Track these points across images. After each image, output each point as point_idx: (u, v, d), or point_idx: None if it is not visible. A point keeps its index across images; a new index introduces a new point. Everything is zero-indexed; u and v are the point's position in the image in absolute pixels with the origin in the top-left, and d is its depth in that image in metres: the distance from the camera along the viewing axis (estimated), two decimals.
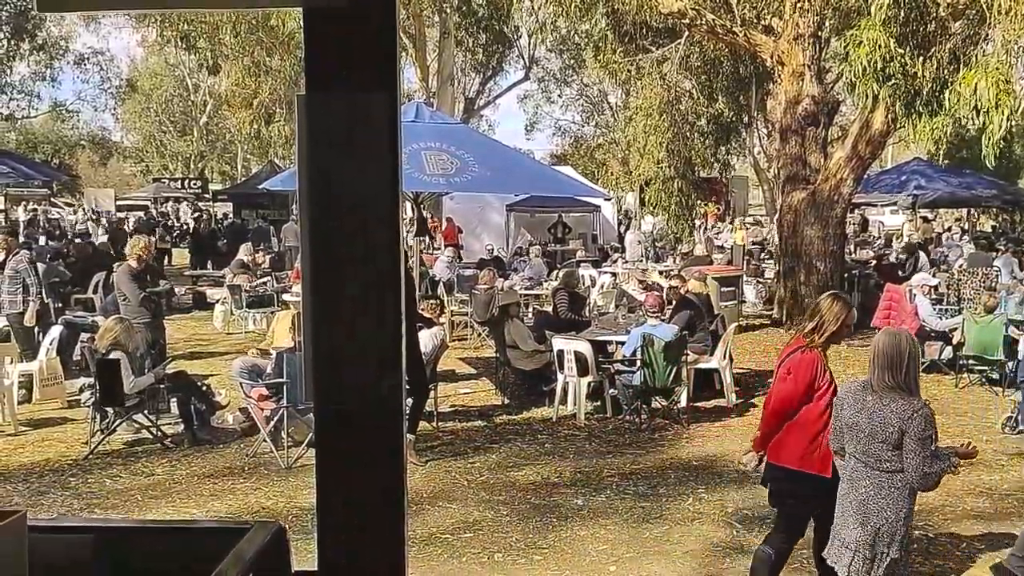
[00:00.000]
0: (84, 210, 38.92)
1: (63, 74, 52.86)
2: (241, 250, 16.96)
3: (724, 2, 14.56)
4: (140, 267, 9.64)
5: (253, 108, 26.51)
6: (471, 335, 13.37)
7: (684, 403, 9.11)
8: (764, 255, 21.36)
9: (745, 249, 20.63)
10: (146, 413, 8.09)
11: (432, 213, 21.83)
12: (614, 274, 17.26)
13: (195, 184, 44.29)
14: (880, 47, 10.40)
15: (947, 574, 5.50)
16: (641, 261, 19.93)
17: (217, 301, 15.20)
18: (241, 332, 13.70)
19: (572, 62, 37.45)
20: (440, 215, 23.28)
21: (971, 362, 10.53)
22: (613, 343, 9.81)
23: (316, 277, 1.12)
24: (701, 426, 8.87)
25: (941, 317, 11.66)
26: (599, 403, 9.37)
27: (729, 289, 14.00)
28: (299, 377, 7.03)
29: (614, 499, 6.80)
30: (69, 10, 1.15)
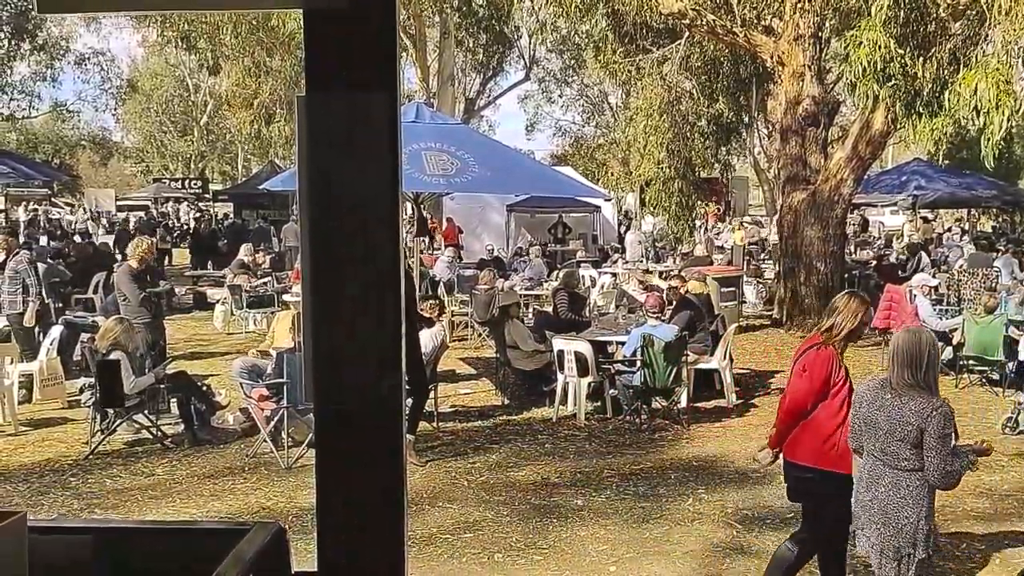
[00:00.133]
0: (84, 210, 38.94)
1: (64, 74, 52.93)
2: (241, 250, 16.97)
3: (724, 3, 14.55)
4: (140, 267, 9.65)
5: (253, 108, 26.52)
6: (471, 335, 13.38)
7: (684, 403, 9.11)
8: (764, 255, 21.37)
9: (745, 249, 20.63)
10: (146, 413, 8.09)
11: (432, 213, 21.82)
12: (614, 274, 17.26)
13: (195, 184, 44.33)
14: (880, 48, 10.40)
15: (947, 574, 5.49)
16: (641, 261, 19.93)
17: (217, 301, 15.20)
18: (241, 332, 13.71)
19: (572, 62, 37.48)
20: (440, 215, 23.28)
21: (971, 362, 10.53)
22: (613, 343, 9.81)
23: (316, 277, 1.12)
24: (701, 426, 8.87)
25: (941, 317, 11.66)
26: (599, 403, 9.37)
27: (729, 289, 14.00)
28: (299, 377, 7.03)
29: (614, 499, 6.80)
30: (69, 11, 1.15)
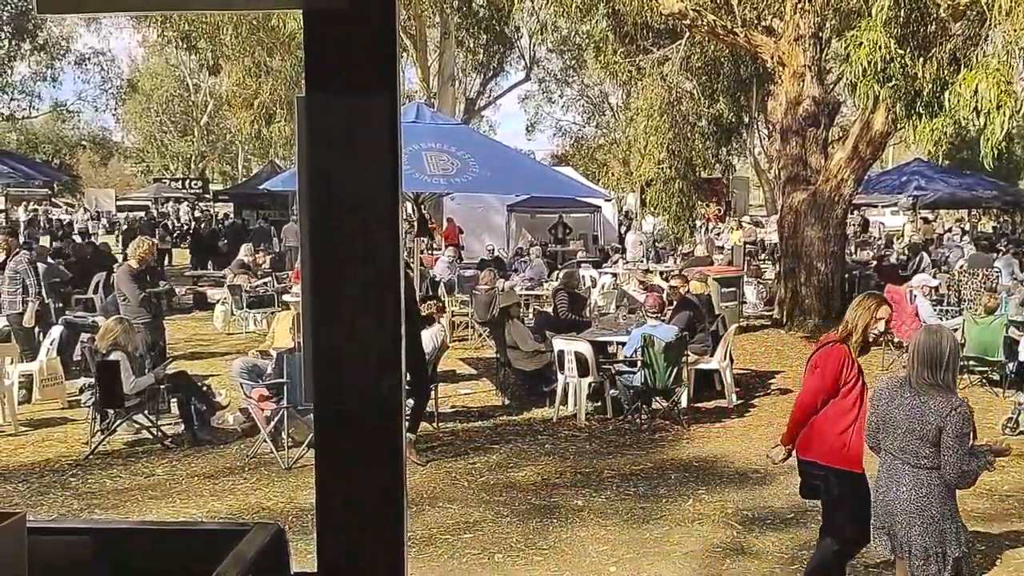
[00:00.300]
0: (85, 210, 38.96)
1: (64, 74, 52.97)
2: (242, 250, 16.98)
3: (725, 3, 14.54)
4: (140, 268, 9.66)
5: (254, 108, 26.49)
6: (472, 335, 13.38)
7: (684, 404, 9.11)
8: (764, 256, 21.37)
9: (745, 249, 20.64)
10: (146, 413, 8.09)
11: (432, 214, 21.82)
12: (614, 275, 17.26)
13: (196, 184, 44.35)
14: (881, 48, 10.39)
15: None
16: (642, 262, 19.93)
17: (217, 301, 15.20)
18: (241, 332, 13.71)
19: (573, 63, 37.49)
20: (441, 216, 23.29)
21: (971, 363, 10.52)
22: (614, 344, 9.81)
23: (316, 277, 1.11)
24: (701, 427, 8.87)
25: (941, 318, 11.66)
26: (599, 404, 9.37)
27: (730, 290, 14.00)
28: (299, 378, 7.03)
29: (614, 500, 6.79)
30: (68, 12, 1.15)
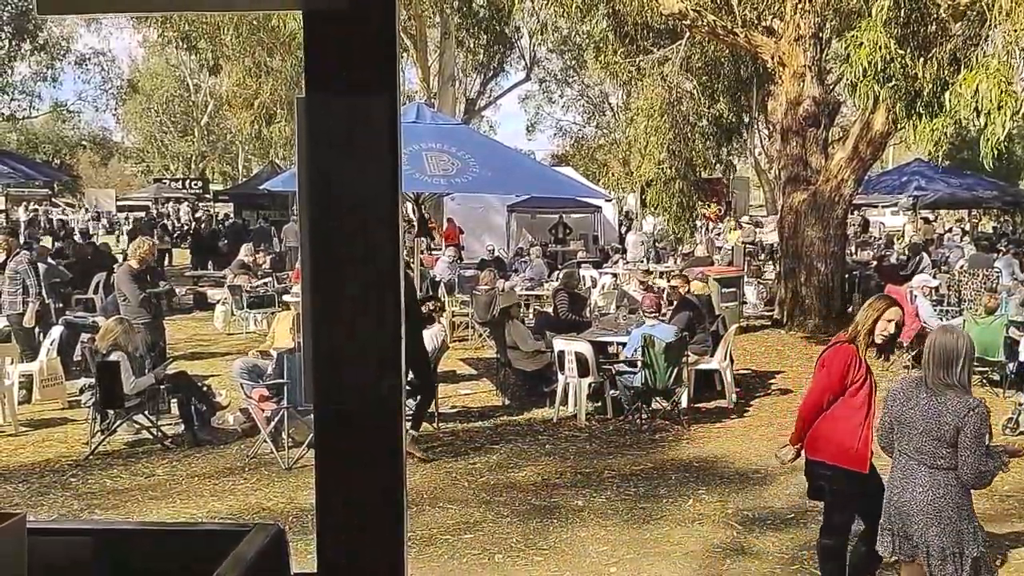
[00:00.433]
0: (86, 210, 38.98)
1: (64, 74, 53.09)
2: (242, 250, 16.98)
3: (725, 3, 14.54)
4: (140, 268, 9.66)
5: (254, 109, 26.49)
6: (472, 336, 13.38)
7: (685, 404, 9.11)
8: (763, 256, 21.36)
9: (745, 249, 20.63)
10: (146, 414, 8.09)
11: (432, 214, 21.82)
12: (615, 275, 17.26)
13: (196, 184, 44.35)
14: (881, 48, 10.38)
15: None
16: (642, 262, 19.93)
17: (218, 301, 15.20)
18: (242, 333, 13.71)
19: (573, 63, 37.47)
20: (441, 216, 23.28)
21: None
22: (614, 344, 9.81)
23: (316, 277, 1.11)
24: (702, 427, 8.87)
25: (942, 318, 11.65)
26: (600, 404, 9.37)
27: (730, 290, 14.00)
28: (299, 378, 7.03)
29: (615, 500, 6.79)
30: (69, 13, 1.15)
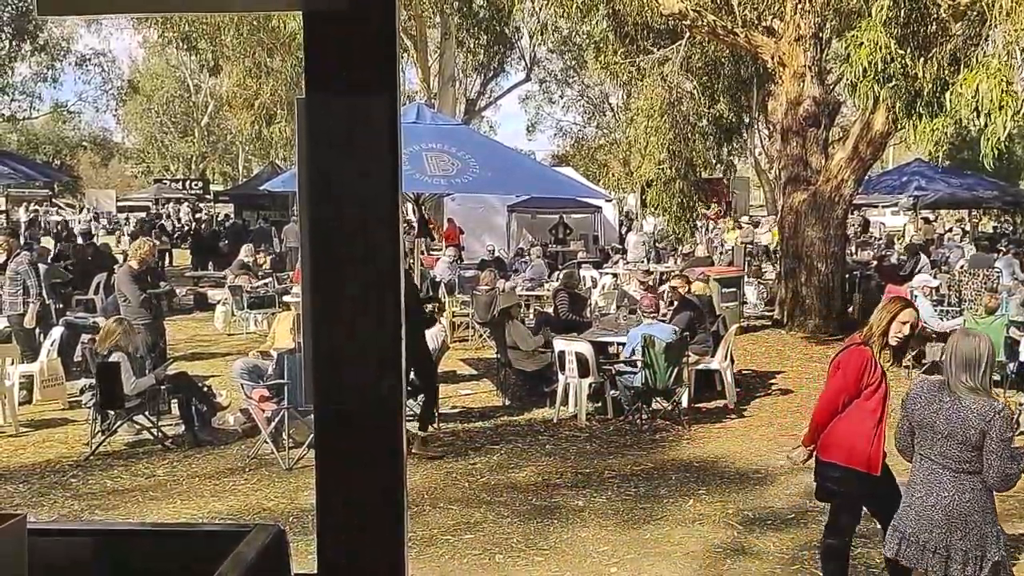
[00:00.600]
0: (88, 211, 38.99)
1: (64, 75, 53.03)
2: (242, 251, 16.98)
3: (725, 3, 14.54)
4: (141, 268, 9.66)
5: (254, 109, 26.48)
6: (472, 336, 13.38)
7: (685, 404, 9.11)
8: (763, 256, 21.35)
9: (746, 250, 20.62)
10: (147, 414, 8.09)
11: (432, 214, 21.81)
12: (615, 275, 17.25)
13: (196, 185, 44.35)
14: (881, 48, 10.38)
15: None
16: (642, 262, 19.93)
17: (218, 302, 15.20)
18: (242, 333, 13.72)
19: (573, 63, 37.46)
20: (441, 216, 23.29)
21: None
22: (614, 344, 9.81)
23: (316, 277, 1.12)
24: (702, 427, 8.87)
25: (942, 318, 11.65)
26: (600, 404, 9.37)
27: (730, 290, 14.00)
28: (299, 378, 7.03)
29: (615, 500, 6.79)
30: (69, 14, 1.15)
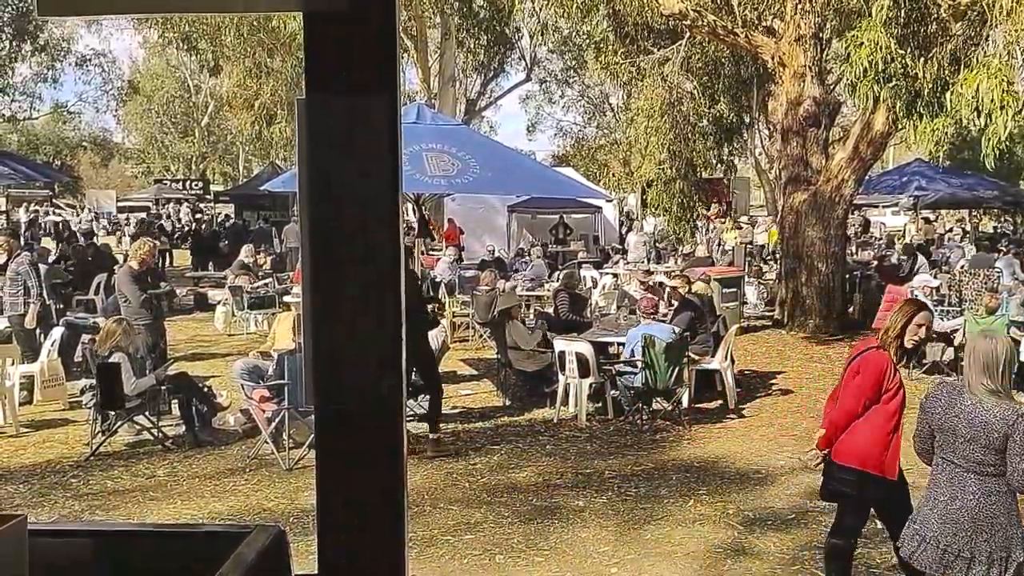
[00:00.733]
0: (89, 211, 39.02)
1: (65, 75, 52.99)
2: (242, 251, 16.97)
3: (725, 3, 14.54)
4: (141, 269, 9.66)
5: (254, 109, 26.48)
6: (472, 336, 13.37)
7: (685, 404, 9.11)
8: (762, 256, 21.37)
9: (746, 250, 20.63)
10: (147, 414, 8.09)
11: (433, 214, 21.82)
12: (615, 275, 17.24)
13: (196, 185, 44.37)
14: (881, 48, 10.39)
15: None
16: (643, 262, 19.93)
17: (219, 302, 15.20)
18: (242, 333, 13.72)
19: (573, 63, 37.44)
20: (442, 216, 23.29)
21: None
22: (615, 344, 9.81)
23: (316, 278, 1.12)
24: (702, 427, 8.87)
25: (943, 318, 11.64)
26: (600, 404, 9.37)
27: (730, 290, 14.00)
28: (300, 379, 7.03)
29: (615, 500, 6.79)
30: (69, 14, 1.15)
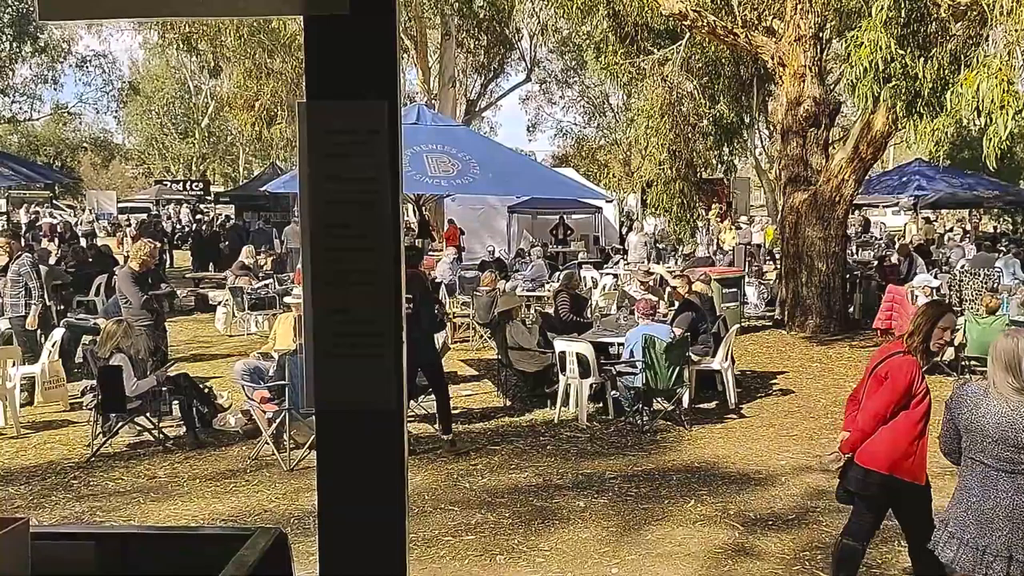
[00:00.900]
0: (90, 212, 39.02)
1: (65, 77, 52.98)
2: (243, 252, 16.97)
3: (725, 4, 14.54)
4: (141, 270, 9.66)
5: (255, 110, 26.52)
6: (473, 337, 13.38)
7: (686, 404, 9.11)
8: (762, 256, 21.37)
9: (746, 250, 20.63)
10: (148, 415, 8.09)
11: (433, 215, 21.82)
12: (616, 276, 17.24)
13: (197, 186, 44.39)
14: (881, 48, 10.38)
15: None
16: (643, 262, 19.93)
17: (219, 303, 15.20)
18: (243, 334, 13.72)
19: (573, 64, 37.47)
20: (442, 217, 23.30)
21: (973, 363, 10.53)
22: (615, 345, 9.81)
23: (317, 279, 1.12)
24: (703, 428, 8.87)
25: None
26: (601, 405, 9.37)
27: (731, 290, 14.00)
28: (300, 379, 7.03)
29: (616, 501, 6.79)
30: (70, 19, 1.15)
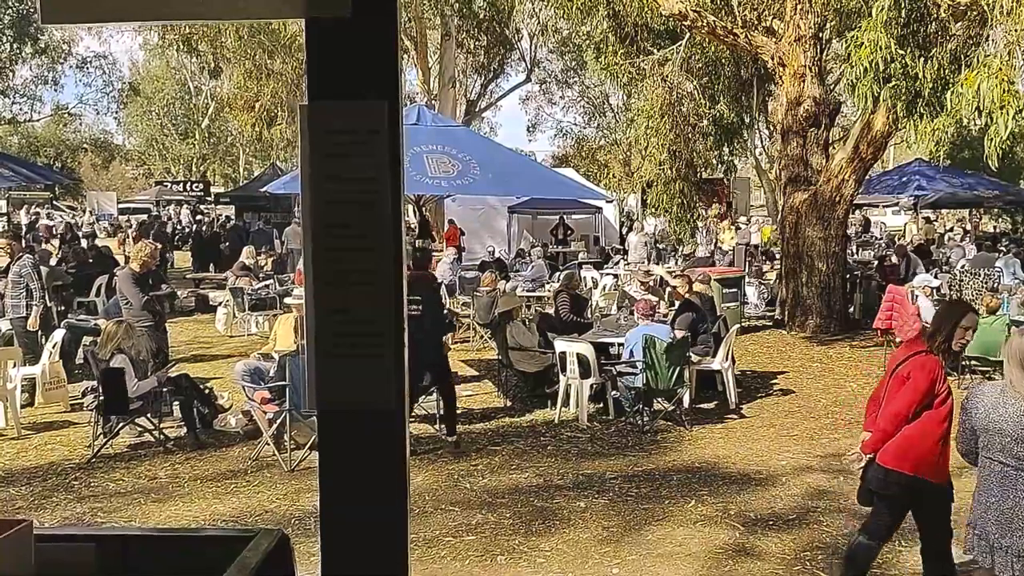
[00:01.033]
0: (91, 213, 39.04)
1: (66, 77, 53.02)
2: (243, 253, 16.97)
3: (725, 4, 14.54)
4: (142, 271, 9.66)
5: (255, 111, 26.54)
6: (473, 337, 13.38)
7: (686, 405, 9.11)
8: (762, 256, 21.37)
9: (746, 250, 20.63)
10: (149, 416, 8.09)
11: (433, 215, 21.82)
12: (616, 276, 17.24)
13: (197, 187, 44.42)
14: (881, 48, 10.38)
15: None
16: (643, 262, 19.93)
17: (220, 304, 15.20)
18: (244, 335, 13.72)
19: (573, 64, 37.49)
20: (442, 217, 23.31)
21: (973, 363, 10.53)
22: (615, 345, 9.81)
23: (318, 279, 1.12)
24: (703, 428, 8.87)
25: None
26: (601, 405, 9.37)
27: (731, 290, 14.00)
28: (301, 380, 7.03)
29: (616, 501, 6.80)
30: (72, 22, 1.16)
